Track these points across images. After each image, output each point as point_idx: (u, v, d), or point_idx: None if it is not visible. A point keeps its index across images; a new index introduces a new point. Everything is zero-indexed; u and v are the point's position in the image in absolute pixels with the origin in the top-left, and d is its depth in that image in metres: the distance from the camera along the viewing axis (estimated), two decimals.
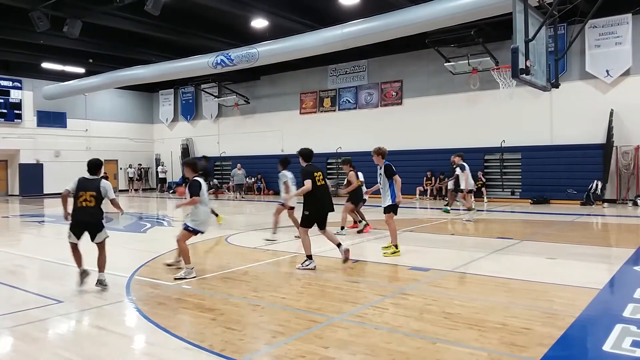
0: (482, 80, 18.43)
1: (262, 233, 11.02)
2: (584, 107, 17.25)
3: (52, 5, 14.97)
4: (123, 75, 21.95)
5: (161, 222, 14.28)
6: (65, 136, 27.44)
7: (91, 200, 5.92)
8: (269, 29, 17.98)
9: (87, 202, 5.91)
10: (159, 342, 4.34)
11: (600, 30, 16.80)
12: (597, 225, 12.39)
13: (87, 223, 5.99)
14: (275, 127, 25.64)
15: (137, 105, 31.39)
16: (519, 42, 8.81)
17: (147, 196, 25.93)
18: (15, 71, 25.47)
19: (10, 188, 26.78)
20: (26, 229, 13.60)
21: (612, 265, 7.38)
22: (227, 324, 4.72)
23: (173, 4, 15.73)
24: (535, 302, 5.26)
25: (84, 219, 5.98)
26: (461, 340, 4.16)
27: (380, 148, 8.20)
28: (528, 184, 18.44)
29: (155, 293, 5.93)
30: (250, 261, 7.78)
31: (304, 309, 5.14)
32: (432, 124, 20.53)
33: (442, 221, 13.09)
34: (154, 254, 8.27)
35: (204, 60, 18.74)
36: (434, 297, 5.49)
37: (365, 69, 22.76)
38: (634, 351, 3.86)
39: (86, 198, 5.91)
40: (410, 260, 7.53)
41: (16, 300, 5.73)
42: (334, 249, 7.79)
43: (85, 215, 5.97)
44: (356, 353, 3.94)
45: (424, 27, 14.36)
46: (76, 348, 4.26)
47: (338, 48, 16.28)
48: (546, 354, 3.85)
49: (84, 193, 5.92)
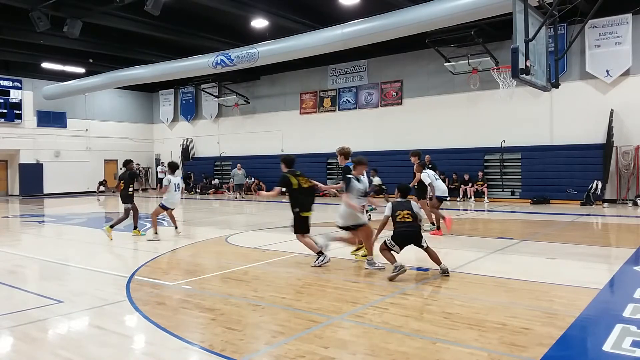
0: (482, 80, 18.43)
1: (263, 233, 11.03)
2: (584, 107, 17.26)
3: (52, 5, 14.98)
4: (123, 75, 21.95)
5: (161, 222, 14.26)
6: (65, 136, 27.45)
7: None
8: (269, 29, 17.99)
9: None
10: (159, 342, 4.34)
11: (600, 30, 16.80)
12: (597, 225, 12.39)
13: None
14: (275, 127, 25.65)
15: (137, 105, 31.40)
16: (519, 42, 8.81)
17: (147, 196, 25.92)
18: (15, 71, 25.48)
19: (10, 188, 26.79)
20: (26, 229, 13.60)
21: (612, 265, 7.38)
22: (227, 324, 4.72)
23: (173, 4, 15.73)
24: (535, 302, 5.26)
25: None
26: (461, 340, 4.16)
27: (344, 148, 7.97)
28: (528, 184, 18.44)
29: (155, 293, 5.92)
30: (250, 261, 7.78)
31: (304, 309, 5.14)
32: (432, 124, 20.53)
33: (441, 221, 13.05)
34: (154, 254, 8.27)
35: (204, 60, 18.74)
36: (434, 297, 5.49)
37: (365, 69, 22.76)
38: (634, 351, 3.86)
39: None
40: (410, 260, 7.52)
41: (16, 300, 5.73)
42: (334, 249, 7.80)
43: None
44: (356, 353, 3.94)
45: (424, 27, 14.36)
46: (76, 348, 4.26)
47: (338, 48, 16.28)
48: (546, 354, 3.85)
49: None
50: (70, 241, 6.98)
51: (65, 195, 26.07)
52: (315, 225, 7.43)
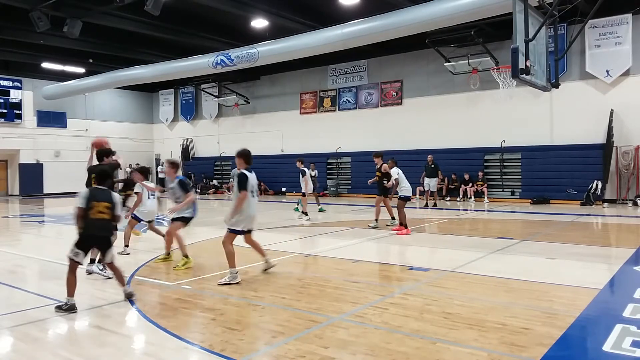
0: (482, 80, 18.43)
1: (263, 233, 11.02)
2: (584, 107, 17.25)
3: (52, 5, 14.97)
4: (123, 75, 21.95)
5: (161, 222, 14.27)
6: (65, 136, 27.43)
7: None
8: (269, 29, 17.98)
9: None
10: (159, 342, 4.34)
11: (600, 30, 16.79)
12: (597, 225, 12.39)
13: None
14: (275, 127, 25.65)
15: (137, 105, 31.39)
16: (519, 42, 8.81)
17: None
18: (15, 71, 25.47)
19: (10, 188, 26.78)
20: (26, 229, 13.60)
21: (612, 265, 7.38)
22: (227, 324, 4.72)
23: (173, 4, 15.73)
24: (535, 302, 5.26)
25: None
26: (461, 340, 4.16)
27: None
28: (528, 184, 18.44)
29: (155, 293, 5.93)
30: (250, 261, 7.78)
31: (304, 309, 5.14)
32: (432, 124, 20.53)
33: (442, 221, 13.09)
34: (154, 254, 8.26)
35: (204, 60, 18.74)
36: (434, 297, 5.49)
37: (365, 69, 22.76)
38: (634, 351, 3.86)
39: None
40: (410, 260, 7.53)
41: (16, 300, 5.73)
42: (334, 249, 7.82)
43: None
44: (356, 353, 3.94)
45: (424, 27, 14.36)
46: (76, 348, 4.26)
47: (338, 48, 16.28)
48: (546, 354, 3.85)
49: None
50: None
51: (65, 195, 26.06)
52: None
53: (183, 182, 7.60)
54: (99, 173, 5.82)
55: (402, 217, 10.47)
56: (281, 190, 24.64)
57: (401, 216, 10.49)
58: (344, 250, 8.92)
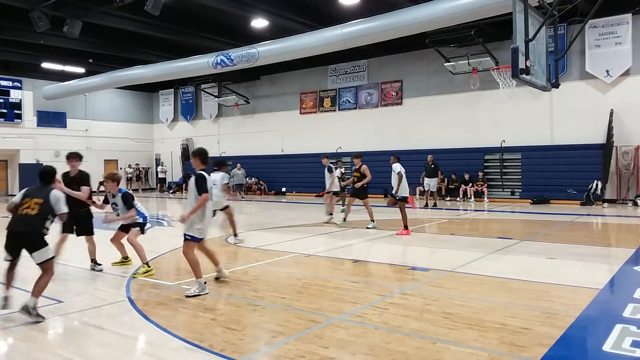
0: (482, 80, 18.42)
1: (263, 233, 11.03)
2: (584, 107, 17.25)
3: (52, 5, 14.97)
4: (123, 75, 21.94)
5: (161, 222, 14.29)
6: (65, 136, 27.40)
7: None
8: (269, 29, 17.97)
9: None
10: (159, 342, 4.34)
11: (600, 30, 16.79)
12: (597, 225, 12.39)
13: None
14: (275, 127, 25.64)
15: (137, 105, 31.39)
16: (519, 42, 8.80)
17: (147, 196, 25.93)
18: (15, 71, 25.46)
19: (10, 188, 26.78)
20: None
21: (612, 265, 7.38)
22: (227, 324, 4.72)
23: (173, 4, 15.72)
24: (535, 302, 5.26)
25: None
26: (461, 340, 4.16)
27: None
28: (528, 184, 18.44)
29: (155, 293, 5.92)
30: (250, 261, 7.78)
31: (304, 309, 5.14)
32: (432, 124, 20.53)
33: (442, 221, 13.09)
34: (154, 254, 8.26)
35: (204, 60, 18.73)
36: (434, 297, 5.49)
37: (365, 69, 22.76)
38: (634, 351, 3.86)
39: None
40: (410, 260, 7.53)
41: (16, 300, 5.73)
42: (334, 249, 7.81)
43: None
44: (356, 353, 3.94)
45: (424, 27, 14.35)
46: (76, 348, 4.26)
47: (338, 48, 16.28)
48: (546, 354, 3.85)
49: None
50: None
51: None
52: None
53: (127, 196, 7.13)
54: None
55: (404, 217, 10.47)
56: (281, 190, 24.65)
57: (403, 216, 10.48)
58: (344, 250, 8.92)
